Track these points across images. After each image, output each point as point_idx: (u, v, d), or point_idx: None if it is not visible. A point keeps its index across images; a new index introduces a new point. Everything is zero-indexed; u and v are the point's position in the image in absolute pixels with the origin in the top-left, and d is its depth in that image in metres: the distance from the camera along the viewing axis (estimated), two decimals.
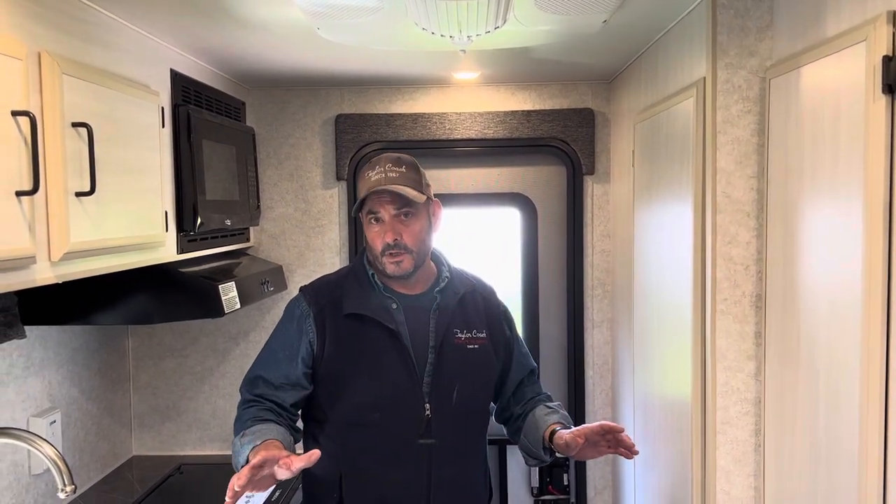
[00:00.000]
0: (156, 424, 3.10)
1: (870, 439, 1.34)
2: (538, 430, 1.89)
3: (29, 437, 1.73)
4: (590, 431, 1.75)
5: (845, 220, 1.43)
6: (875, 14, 1.34)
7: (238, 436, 1.75)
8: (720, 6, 1.83)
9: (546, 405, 1.96)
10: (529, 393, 2.02)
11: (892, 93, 1.29)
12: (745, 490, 1.90)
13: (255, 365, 1.91)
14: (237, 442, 1.73)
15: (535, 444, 1.89)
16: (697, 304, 1.96)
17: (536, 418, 1.92)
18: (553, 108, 3.10)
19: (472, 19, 1.78)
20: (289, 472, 1.54)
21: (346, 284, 1.89)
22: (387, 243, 1.80)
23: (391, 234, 1.80)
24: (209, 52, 2.43)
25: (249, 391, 1.87)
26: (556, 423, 1.87)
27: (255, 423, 1.76)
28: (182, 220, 2.26)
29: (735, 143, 1.85)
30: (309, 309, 1.86)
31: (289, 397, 1.84)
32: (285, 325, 1.90)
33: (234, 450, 1.74)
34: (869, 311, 1.34)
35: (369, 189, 1.80)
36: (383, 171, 1.80)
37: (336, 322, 1.84)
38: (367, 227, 1.85)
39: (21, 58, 1.49)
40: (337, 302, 1.86)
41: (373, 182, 1.80)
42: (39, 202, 1.55)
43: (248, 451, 1.66)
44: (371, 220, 1.82)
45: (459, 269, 1.99)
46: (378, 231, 1.82)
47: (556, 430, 1.83)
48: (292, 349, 1.85)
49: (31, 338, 2.27)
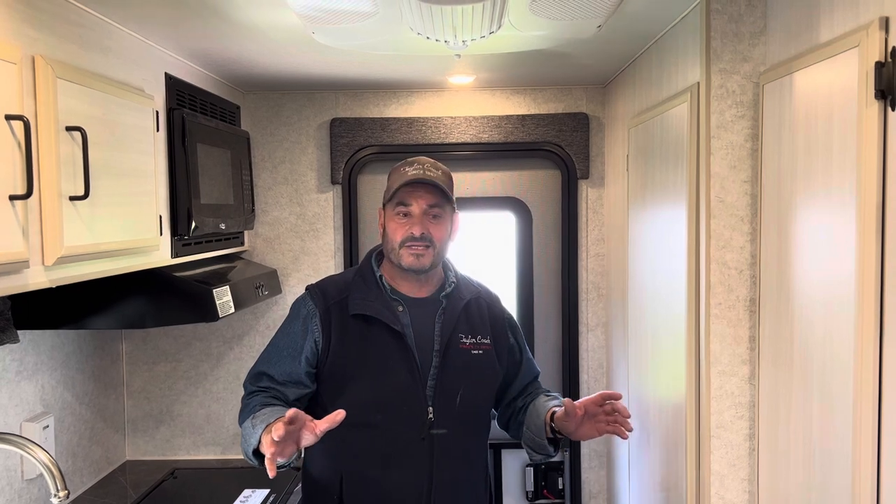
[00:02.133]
0: (149, 429, 3.09)
1: (863, 443, 1.35)
2: (539, 416, 1.90)
3: (22, 441, 1.73)
4: (589, 402, 1.78)
5: (838, 225, 1.43)
6: (868, 20, 1.34)
7: (248, 419, 1.75)
8: (714, 11, 1.84)
9: (545, 394, 2.00)
10: (530, 390, 2.06)
11: (885, 98, 1.29)
12: (739, 494, 1.90)
13: (260, 361, 1.93)
14: (248, 425, 1.73)
15: (539, 432, 1.90)
16: (691, 308, 1.97)
17: (537, 407, 1.94)
18: (548, 112, 3.11)
19: (467, 24, 1.78)
20: (313, 435, 1.56)
21: (352, 285, 1.90)
22: (412, 234, 1.81)
23: (419, 227, 1.82)
24: (204, 55, 2.43)
25: (254, 384, 1.89)
26: (555, 406, 1.88)
27: (263, 407, 1.78)
28: (176, 224, 2.26)
29: (729, 147, 1.86)
30: (315, 308, 1.87)
31: (291, 394, 1.86)
32: (291, 323, 1.91)
33: (244, 433, 1.75)
34: (862, 315, 1.34)
35: (406, 181, 1.81)
36: (421, 168, 1.83)
37: (342, 322, 1.85)
38: (390, 219, 1.85)
39: (15, 62, 1.48)
40: (343, 302, 1.87)
41: (410, 176, 1.82)
42: (33, 206, 1.55)
43: (262, 430, 1.66)
44: (399, 213, 1.83)
45: (465, 276, 2.00)
46: (404, 223, 1.83)
47: (556, 411, 1.85)
48: (297, 348, 1.86)
49: (24, 342, 2.27)
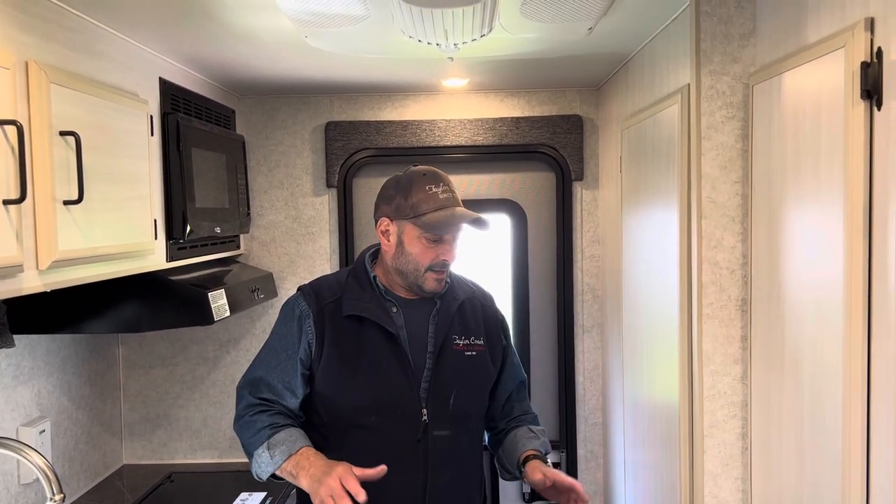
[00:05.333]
0: (146, 433, 3.10)
1: (853, 440, 1.36)
2: (515, 451, 1.90)
3: (18, 446, 1.73)
4: (561, 481, 1.77)
5: (827, 224, 1.44)
6: (853, 21, 1.36)
7: (262, 445, 1.76)
8: (704, 13, 1.85)
9: (530, 428, 1.96)
10: (517, 409, 2.02)
11: (871, 98, 1.30)
12: (732, 493, 1.91)
13: (256, 366, 1.89)
14: (264, 454, 1.75)
15: (511, 462, 1.91)
16: (684, 309, 1.98)
17: (517, 439, 1.93)
18: (542, 114, 3.12)
19: (458, 27, 1.80)
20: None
21: (346, 286, 1.88)
22: (444, 261, 1.82)
23: (453, 255, 1.83)
24: (198, 60, 2.44)
25: (253, 394, 1.85)
26: (533, 449, 1.88)
27: (273, 430, 1.78)
28: (171, 228, 2.26)
29: (719, 148, 1.87)
30: (309, 309, 1.85)
31: (292, 402, 1.84)
32: (285, 324, 1.88)
33: (259, 458, 1.76)
34: (850, 313, 1.35)
35: (444, 208, 1.79)
36: (449, 191, 1.83)
37: (335, 323, 1.83)
38: (415, 240, 1.80)
39: (8, 67, 1.49)
40: (337, 303, 1.85)
41: (442, 200, 1.80)
42: (27, 211, 1.56)
43: (282, 461, 1.71)
44: (429, 238, 1.80)
45: (459, 276, 2.00)
46: (433, 248, 1.81)
47: (531, 459, 1.84)
48: (293, 348, 1.84)
49: (20, 346, 2.27)
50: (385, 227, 1.85)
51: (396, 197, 1.83)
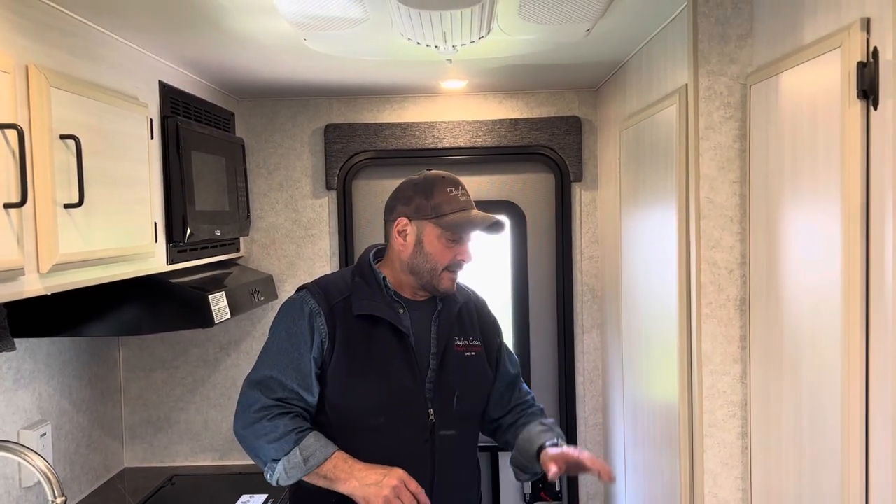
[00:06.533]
0: (147, 436, 3.10)
1: (851, 438, 1.36)
2: (530, 448, 1.88)
3: (19, 449, 1.73)
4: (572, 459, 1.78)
5: (825, 223, 1.45)
6: (849, 21, 1.36)
7: (291, 452, 1.75)
8: (701, 14, 1.86)
9: (541, 422, 1.95)
10: (517, 398, 2.02)
11: (867, 98, 1.31)
12: (732, 492, 1.91)
13: (265, 365, 1.84)
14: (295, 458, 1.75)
15: (529, 460, 1.89)
16: (683, 309, 1.98)
17: (530, 435, 1.91)
18: (540, 116, 3.12)
19: (457, 29, 1.80)
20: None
21: (353, 285, 1.87)
22: (461, 261, 1.85)
23: (470, 255, 1.86)
24: (197, 63, 2.45)
25: (267, 395, 1.80)
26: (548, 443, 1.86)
27: (300, 434, 1.77)
28: (171, 231, 2.27)
29: (717, 149, 1.88)
30: (319, 307, 1.82)
31: (311, 399, 1.82)
32: (295, 322, 1.84)
33: (287, 465, 1.75)
34: (848, 312, 1.36)
35: (465, 210, 1.83)
36: (466, 194, 1.87)
37: (346, 322, 1.82)
38: (436, 240, 1.83)
39: (9, 71, 1.50)
40: (346, 302, 1.84)
41: (462, 202, 1.84)
42: (28, 214, 1.56)
43: (317, 465, 1.74)
44: (452, 238, 1.83)
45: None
46: (452, 249, 1.83)
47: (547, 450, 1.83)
48: (305, 347, 1.81)
49: (20, 350, 2.28)
50: (403, 227, 1.85)
51: (416, 198, 1.84)
